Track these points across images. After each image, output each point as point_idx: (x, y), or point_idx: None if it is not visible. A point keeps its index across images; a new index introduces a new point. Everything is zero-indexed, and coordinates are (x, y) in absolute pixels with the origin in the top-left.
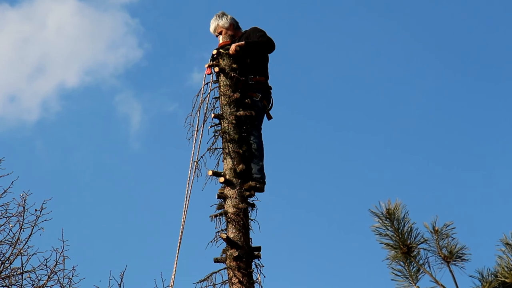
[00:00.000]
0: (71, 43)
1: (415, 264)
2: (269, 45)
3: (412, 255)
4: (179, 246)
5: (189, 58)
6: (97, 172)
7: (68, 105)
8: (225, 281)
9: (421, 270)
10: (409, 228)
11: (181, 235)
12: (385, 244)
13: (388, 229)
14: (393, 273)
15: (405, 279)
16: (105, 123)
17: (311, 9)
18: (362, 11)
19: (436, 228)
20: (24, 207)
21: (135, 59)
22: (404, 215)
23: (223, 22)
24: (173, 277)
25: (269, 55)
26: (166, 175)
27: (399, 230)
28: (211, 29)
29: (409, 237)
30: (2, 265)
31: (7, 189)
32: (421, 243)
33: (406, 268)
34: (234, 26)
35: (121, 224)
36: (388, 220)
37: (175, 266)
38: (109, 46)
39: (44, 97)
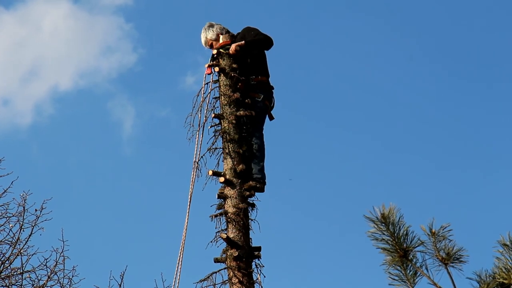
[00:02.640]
0: (65, 47)
1: (412, 267)
2: (268, 42)
3: (409, 258)
4: (183, 246)
5: (183, 62)
6: (95, 173)
7: (62, 109)
8: (225, 281)
9: (419, 273)
10: (405, 232)
11: (185, 235)
12: (381, 249)
13: (383, 234)
14: (390, 277)
15: (402, 283)
16: (98, 127)
17: (310, 10)
18: (360, 12)
19: (433, 230)
20: (24, 207)
21: (129, 64)
22: (399, 218)
23: (210, 34)
24: (178, 278)
25: (267, 55)
26: (165, 176)
27: (395, 234)
28: (202, 43)
29: (405, 240)
30: (2, 265)
31: (7, 189)
32: (418, 245)
33: (403, 272)
34: (222, 34)
35: (121, 225)
36: (383, 224)
37: (179, 266)
38: (104, 50)
39: (37, 101)
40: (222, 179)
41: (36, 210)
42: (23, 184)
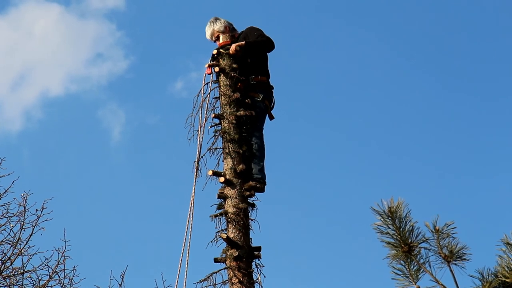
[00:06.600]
0: (56, 52)
1: (415, 263)
2: (269, 44)
3: (412, 254)
4: (189, 245)
5: (173, 69)
6: (95, 173)
7: (52, 114)
8: (225, 281)
9: (422, 269)
10: (411, 227)
11: (190, 235)
12: (386, 243)
13: (389, 228)
14: (393, 272)
15: (405, 278)
16: (88, 133)
17: (311, 11)
18: (360, 13)
19: (437, 227)
20: (25, 207)
21: (120, 71)
22: (406, 214)
23: (218, 26)
24: (183, 278)
25: (268, 55)
26: (165, 176)
27: (401, 229)
28: (208, 35)
29: (410, 236)
30: (3, 265)
31: (8, 189)
32: (422, 242)
33: (406, 267)
34: (229, 28)
35: (122, 225)
36: (389, 218)
37: (186, 266)
38: (95, 56)
39: (27, 105)
40: (222, 179)
41: (36, 210)
42: (22, 185)
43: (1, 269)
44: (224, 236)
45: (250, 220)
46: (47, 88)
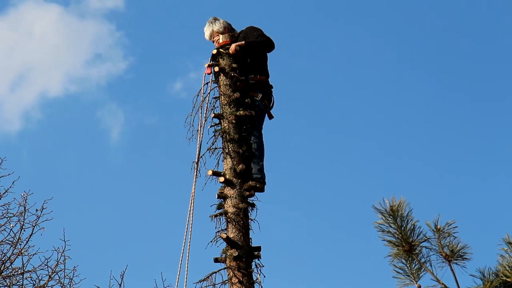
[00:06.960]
0: (56, 52)
1: (416, 262)
2: (269, 44)
3: (414, 253)
4: (189, 245)
5: (174, 70)
6: (94, 173)
7: (51, 114)
8: (225, 281)
9: (423, 268)
10: (412, 226)
11: (190, 235)
12: (387, 241)
13: (391, 226)
14: (394, 270)
15: (406, 276)
16: (87, 133)
17: (311, 11)
18: (360, 13)
19: (438, 226)
20: (25, 207)
21: (119, 71)
22: (408, 212)
23: (217, 27)
24: (183, 277)
25: (268, 54)
26: (164, 176)
27: (402, 228)
28: (207, 36)
29: (412, 235)
30: (3, 265)
31: (8, 189)
32: (423, 241)
33: (407, 265)
34: (228, 28)
35: (122, 225)
36: (391, 217)
37: (186, 266)
38: (94, 57)
39: (26, 106)
40: (222, 179)
41: (36, 210)
42: (22, 185)
43: (1, 269)
44: (224, 236)
45: (250, 220)
46: (46, 88)
